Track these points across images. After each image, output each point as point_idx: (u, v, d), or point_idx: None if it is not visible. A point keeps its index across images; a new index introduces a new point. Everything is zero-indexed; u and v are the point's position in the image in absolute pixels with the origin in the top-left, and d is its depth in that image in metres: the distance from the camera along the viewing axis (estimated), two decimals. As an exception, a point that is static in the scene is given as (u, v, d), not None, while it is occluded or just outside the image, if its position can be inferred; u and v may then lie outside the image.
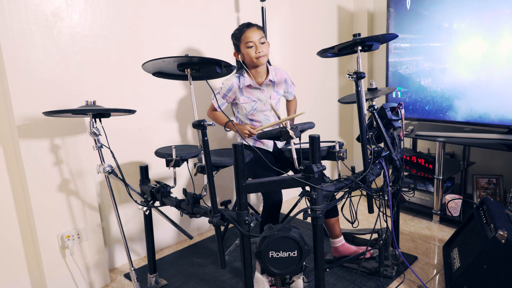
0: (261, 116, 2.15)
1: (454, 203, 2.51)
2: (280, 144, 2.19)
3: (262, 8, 2.53)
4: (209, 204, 1.53)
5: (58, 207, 1.85)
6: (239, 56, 2.09)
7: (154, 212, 1.91)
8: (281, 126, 1.48)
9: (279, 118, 1.68)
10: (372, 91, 1.91)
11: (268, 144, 2.18)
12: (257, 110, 2.12)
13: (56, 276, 1.87)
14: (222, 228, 2.43)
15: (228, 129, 2.24)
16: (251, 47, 2.01)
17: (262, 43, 2.03)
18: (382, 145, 1.84)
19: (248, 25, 2.04)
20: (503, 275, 1.61)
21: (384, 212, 1.80)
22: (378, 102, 1.90)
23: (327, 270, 1.97)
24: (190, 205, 1.63)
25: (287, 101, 2.37)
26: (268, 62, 2.18)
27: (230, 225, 2.53)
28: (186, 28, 2.32)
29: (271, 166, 1.55)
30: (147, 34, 2.16)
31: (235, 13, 2.55)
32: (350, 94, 2.18)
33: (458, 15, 2.45)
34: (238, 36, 2.04)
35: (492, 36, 2.32)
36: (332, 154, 1.67)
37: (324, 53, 1.73)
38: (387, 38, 1.78)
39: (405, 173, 2.76)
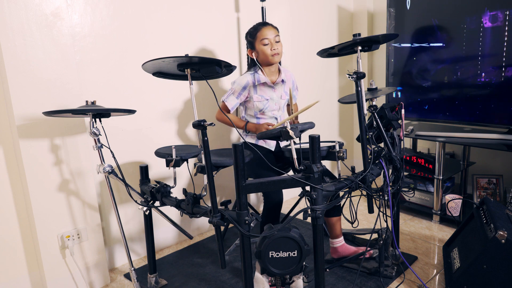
0: (270, 114, 2.17)
1: (454, 203, 2.51)
2: (282, 144, 2.20)
3: (262, 8, 2.53)
4: (209, 204, 1.53)
5: (58, 207, 1.85)
6: (253, 53, 2.11)
7: (154, 212, 1.91)
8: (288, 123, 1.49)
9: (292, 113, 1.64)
10: (372, 91, 1.92)
11: (270, 143, 2.18)
12: (268, 109, 2.14)
13: (56, 276, 1.87)
14: (222, 228, 2.43)
15: (248, 132, 2.16)
16: (267, 44, 2.04)
17: (277, 41, 2.06)
18: (382, 145, 1.84)
19: (264, 24, 2.08)
20: (503, 275, 1.61)
21: (384, 212, 1.80)
22: (378, 102, 1.90)
23: (327, 270, 1.97)
24: (190, 205, 1.63)
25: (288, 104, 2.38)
26: (279, 62, 2.20)
27: (230, 225, 2.53)
28: (186, 28, 2.32)
29: (272, 166, 1.55)
30: (147, 34, 2.16)
31: (235, 13, 2.55)
32: (350, 94, 2.18)
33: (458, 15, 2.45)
34: (254, 33, 2.07)
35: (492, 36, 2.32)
36: (332, 154, 1.67)
37: (324, 53, 1.73)
38: (387, 38, 1.78)
39: (405, 173, 2.76)
